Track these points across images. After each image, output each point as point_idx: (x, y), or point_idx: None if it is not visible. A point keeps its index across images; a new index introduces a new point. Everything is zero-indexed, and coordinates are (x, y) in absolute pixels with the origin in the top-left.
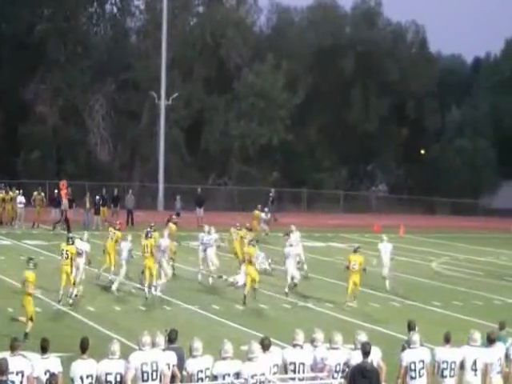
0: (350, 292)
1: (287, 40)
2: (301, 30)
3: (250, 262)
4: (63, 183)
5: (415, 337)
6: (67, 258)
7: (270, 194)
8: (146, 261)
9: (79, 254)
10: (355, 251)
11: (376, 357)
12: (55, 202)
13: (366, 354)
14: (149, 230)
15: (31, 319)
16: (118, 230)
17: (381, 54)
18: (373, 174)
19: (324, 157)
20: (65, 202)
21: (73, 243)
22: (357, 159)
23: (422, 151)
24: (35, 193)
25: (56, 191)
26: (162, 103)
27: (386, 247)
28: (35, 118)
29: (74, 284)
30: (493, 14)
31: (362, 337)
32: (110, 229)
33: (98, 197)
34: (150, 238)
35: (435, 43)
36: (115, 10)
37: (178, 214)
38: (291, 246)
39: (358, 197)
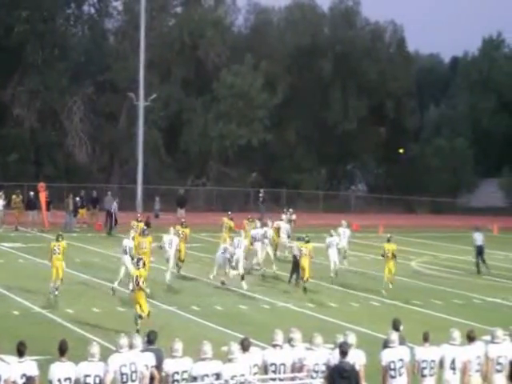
0: (385, 279)
1: (266, 40)
2: (279, 30)
3: (306, 257)
4: (41, 185)
5: (393, 336)
6: (60, 254)
7: (260, 195)
8: None
9: (125, 251)
10: (389, 240)
11: (359, 362)
12: (31, 204)
13: (343, 353)
14: (145, 228)
15: (148, 314)
16: (185, 227)
17: (359, 54)
18: (352, 174)
19: (303, 157)
20: (115, 204)
21: (62, 239)
22: (336, 159)
23: (401, 150)
24: (14, 196)
25: (32, 193)
26: (141, 104)
27: (344, 232)
28: (13, 121)
29: (61, 280)
30: (470, 13)
31: (351, 338)
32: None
33: (77, 198)
34: (147, 235)
35: (413, 42)
36: (93, 11)
37: (156, 216)
38: (332, 236)
39: (337, 197)
